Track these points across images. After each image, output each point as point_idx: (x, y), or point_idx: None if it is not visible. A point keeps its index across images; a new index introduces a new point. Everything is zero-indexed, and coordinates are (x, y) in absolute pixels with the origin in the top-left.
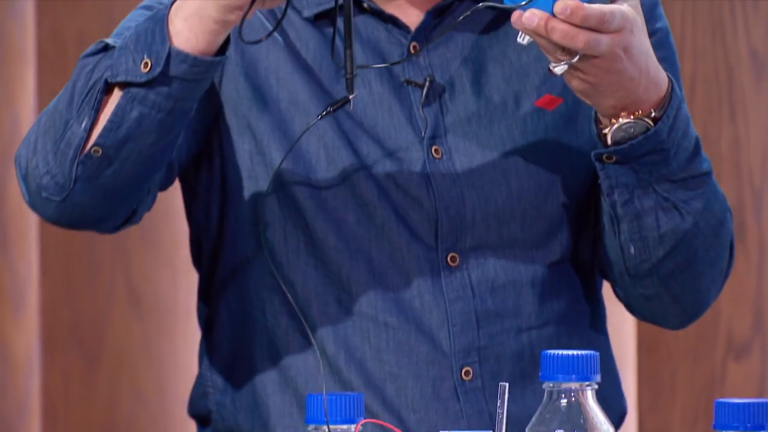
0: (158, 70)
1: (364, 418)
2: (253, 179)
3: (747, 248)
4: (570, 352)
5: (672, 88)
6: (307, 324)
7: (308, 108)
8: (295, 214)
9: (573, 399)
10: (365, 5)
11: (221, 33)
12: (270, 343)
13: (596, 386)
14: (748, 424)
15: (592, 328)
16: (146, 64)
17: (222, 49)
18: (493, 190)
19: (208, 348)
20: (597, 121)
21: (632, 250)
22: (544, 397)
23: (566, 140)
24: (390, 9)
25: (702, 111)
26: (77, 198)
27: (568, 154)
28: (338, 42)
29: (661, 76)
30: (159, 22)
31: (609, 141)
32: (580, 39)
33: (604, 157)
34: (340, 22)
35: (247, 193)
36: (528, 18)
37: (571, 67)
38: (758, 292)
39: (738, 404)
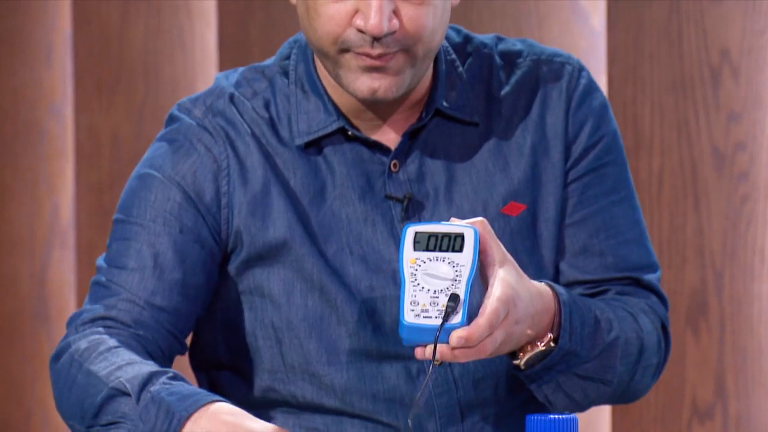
0: None
1: None
2: (251, 309)
3: (709, 323)
4: (552, 415)
5: (557, 296)
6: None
7: (300, 243)
8: (290, 335)
9: None
10: (350, 134)
11: None
12: None
13: None
14: None
15: None
16: None
17: None
18: None
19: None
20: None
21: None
22: None
23: (529, 243)
24: (371, 133)
25: (669, 201)
26: None
27: (531, 254)
28: (324, 168)
29: (545, 297)
30: (172, 428)
31: (523, 367)
32: (485, 351)
33: (526, 373)
34: (326, 149)
35: (239, 320)
36: (430, 354)
37: None
38: (719, 362)
39: None
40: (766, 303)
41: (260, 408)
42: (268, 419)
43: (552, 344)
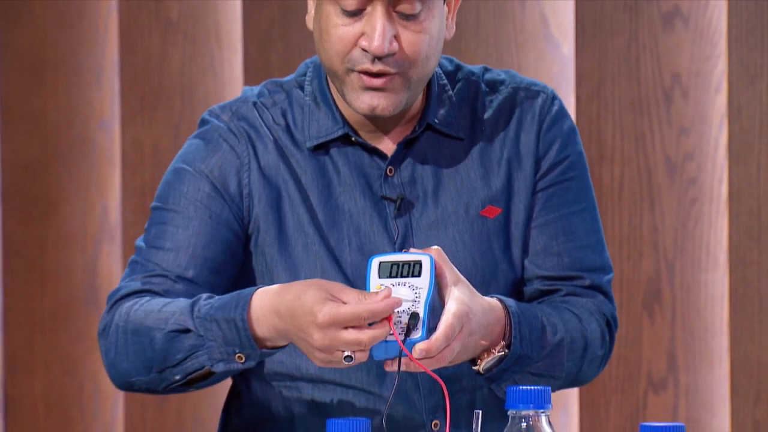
0: (252, 362)
1: None
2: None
3: (662, 308)
4: (528, 387)
5: (507, 309)
6: (313, 396)
7: (307, 231)
8: None
9: (530, 423)
10: (353, 139)
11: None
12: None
13: (548, 413)
14: None
15: None
16: (240, 357)
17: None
18: None
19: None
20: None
21: None
22: (509, 422)
23: (503, 241)
24: (371, 141)
25: (628, 203)
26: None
27: (504, 251)
28: (330, 168)
29: (496, 310)
30: (243, 331)
31: (482, 372)
32: (444, 360)
33: (484, 374)
34: (332, 152)
35: None
36: (392, 367)
37: None
38: (671, 341)
39: (657, 427)
40: (711, 290)
41: (268, 380)
42: (275, 390)
43: (506, 350)
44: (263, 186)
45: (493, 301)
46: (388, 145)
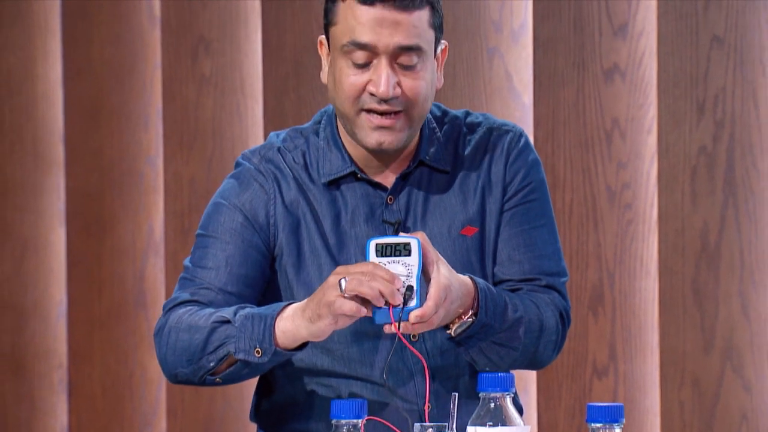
0: (266, 358)
1: (367, 416)
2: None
3: (604, 309)
4: (496, 374)
5: (476, 285)
6: (331, 381)
7: (320, 254)
8: None
9: (498, 403)
10: (359, 176)
11: (307, 341)
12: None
13: (513, 395)
14: (607, 419)
15: None
16: (258, 351)
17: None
18: None
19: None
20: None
21: (479, 364)
22: (480, 402)
23: (479, 255)
24: (374, 176)
25: (576, 224)
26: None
27: (479, 263)
28: (340, 199)
29: (468, 285)
30: (268, 328)
31: (453, 335)
32: (433, 324)
33: (456, 340)
34: (342, 186)
35: None
36: (394, 328)
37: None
38: (612, 335)
39: (600, 406)
40: (644, 295)
41: (291, 372)
42: (297, 380)
43: (473, 318)
44: (286, 217)
45: (465, 278)
46: (388, 178)
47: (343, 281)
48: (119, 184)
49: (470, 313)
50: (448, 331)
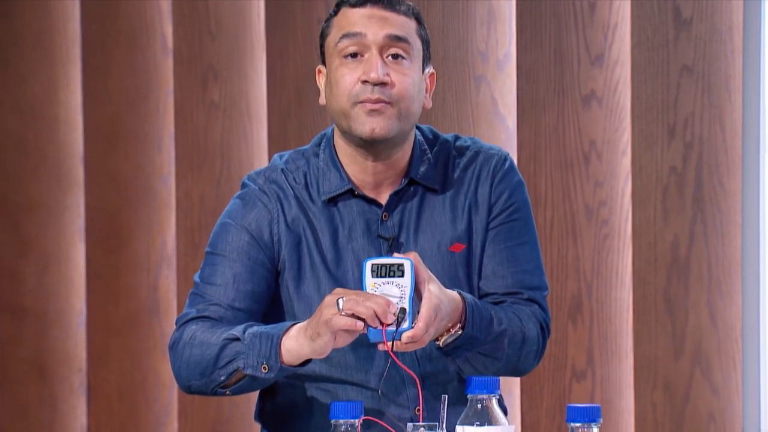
0: (272, 374)
1: (363, 416)
2: (289, 316)
3: (583, 317)
4: (483, 377)
5: (464, 300)
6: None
7: (318, 268)
8: None
9: (484, 404)
10: (356, 193)
11: (310, 358)
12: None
13: (498, 397)
14: (586, 419)
15: None
16: (265, 367)
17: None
18: None
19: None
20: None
21: (465, 371)
22: (468, 404)
23: (466, 270)
24: (369, 194)
25: (557, 239)
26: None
27: (466, 277)
28: (338, 216)
29: (456, 300)
30: (274, 347)
31: (442, 347)
32: (423, 342)
33: (444, 350)
34: (340, 204)
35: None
36: (387, 347)
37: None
38: (589, 342)
39: (579, 407)
40: (620, 304)
41: (293, 379)
42: (298, 386)
43: (461, 331)
44: (288, 234)
45: (454, 294)
46: (382, 196)
47: (340, 301)
48: (134, 201)
49: (458, 326)
50: (437, 342)
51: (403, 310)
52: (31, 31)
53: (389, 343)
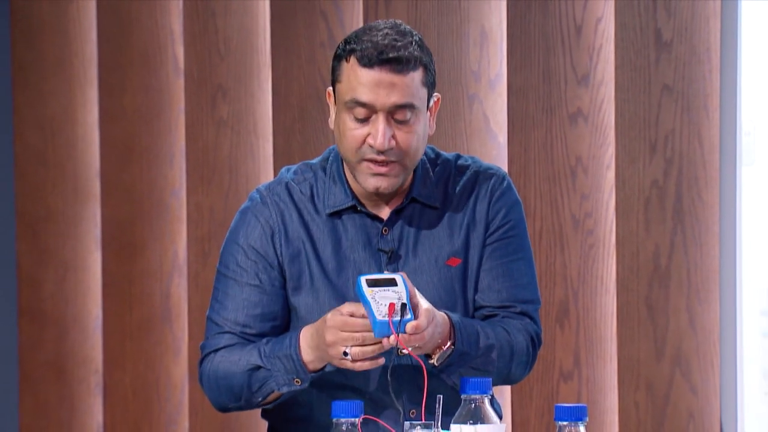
0: (306, 384)
1: (363, 415)
2: (292, 321)
3: (570, 321)
4: (476, 378)
5: (450, 318)
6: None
7: (318, 285)
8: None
9: (477, 404)
10: (359, 209)
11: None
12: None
13: (490, 397)
14: (573, 418)
15: None
16: (297, 381)
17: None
18: None
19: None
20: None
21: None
22: (462, 403)
23: (462, 283)
24: (372, 209)
25: (545, 248)
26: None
27: (462, 291)
28: (341, 229)
29: (445, 318)
30: (298, 362)
31: (436, 364)
32: (424, 338)
33: (438, 368)
34: (343, 217)
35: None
36: (390, 342)
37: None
38: (576, 344)
39: (567, 407)
40: (604, 309)
41: None
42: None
43: (452, 347)
44: (288, 246)
45: (442, 313)
46: (384, 212)
47: (347, 351)
48: (148, 213)
49: (449, 343)
50: (431, 360)
51: (403, 305)
52: (51, 53)
53: (393, 337)
